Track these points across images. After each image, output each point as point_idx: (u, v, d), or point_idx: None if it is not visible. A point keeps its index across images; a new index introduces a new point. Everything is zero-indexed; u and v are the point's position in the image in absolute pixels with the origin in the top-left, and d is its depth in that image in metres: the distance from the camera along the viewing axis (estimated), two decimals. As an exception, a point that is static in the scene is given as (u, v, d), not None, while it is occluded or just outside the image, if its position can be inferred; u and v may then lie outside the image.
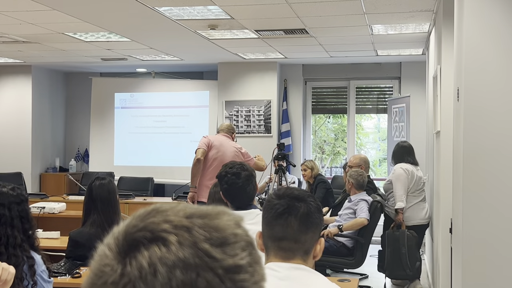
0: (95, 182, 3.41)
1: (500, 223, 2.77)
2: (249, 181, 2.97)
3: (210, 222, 0.61)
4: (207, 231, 0.60)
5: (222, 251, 0.59)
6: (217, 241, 0.60)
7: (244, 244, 0.61)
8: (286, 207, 1.66)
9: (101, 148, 9.50)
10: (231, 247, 0.60)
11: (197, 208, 0.65)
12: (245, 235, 0.63)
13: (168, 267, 0.56)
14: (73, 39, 6.80)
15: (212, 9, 5.22)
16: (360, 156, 6.40)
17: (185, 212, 0.63)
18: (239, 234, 0.62)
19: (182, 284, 0.55)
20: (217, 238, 0.60)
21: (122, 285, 0.55)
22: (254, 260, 0.62)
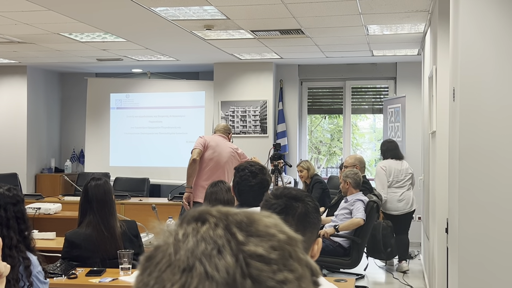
0: (90, 183, 3.40)
1: (496, 222, 2.77)
2: (262, 186, 2.96)
3: (250, 216, 0.67)
4: (243, 221, 0.66)
5: (248, 238, 0.64)
6: (248, 230, 0.65)
7: (277, 245, 0.65)
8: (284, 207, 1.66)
9: (96, 149, 9.48)
10: (259, 239, 0.64)
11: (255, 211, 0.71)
12: (285, 242, 0.66)
13: (197, 239, 0.63)
14: (69, 39, 6.78)
15: (208, 9, 5.22)
16: (355, 156, 6.45)
17: (243, 213, 0.69)
18: (276, 236, 0.66)
19: (202, 255, 0.61)
20: (249, 229, 0.65)
21: (162, 250, 0.63)
22: (284, 263, 0.64)
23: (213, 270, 0.60)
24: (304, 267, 0.66)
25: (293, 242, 0.67)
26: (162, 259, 0.63)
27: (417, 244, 7.96)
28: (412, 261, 7.34)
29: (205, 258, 0.61)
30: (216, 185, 3.62)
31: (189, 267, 0.61)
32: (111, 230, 3.34)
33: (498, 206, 2.77)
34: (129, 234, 3.45)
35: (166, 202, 6.99)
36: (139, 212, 6.75)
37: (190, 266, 0.61)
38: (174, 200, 6.92)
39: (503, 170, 2.77)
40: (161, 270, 0.62)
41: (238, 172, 3.00)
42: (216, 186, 3.60)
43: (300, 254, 0.67)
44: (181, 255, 0.62)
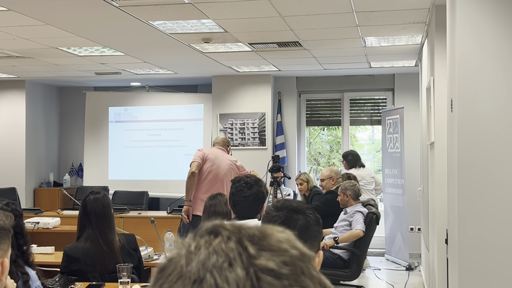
0: (89, 197, 3.39)
1: (496, 233, 2.77)
2: (257, 197, 2.94)
3: (263, 230, 0.67)
4: (255, 235, 0.66)
5: (260, 252, 0.64)
6: (260, 244, 0.65)
7: (289, 260, 0.64)
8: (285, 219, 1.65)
9: (95, 163, 9.47)
10: (271, 254, 0.64)
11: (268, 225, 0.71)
12: (298, 258, 0.66)
13: (209, 252, 0.63)
14: (67, 53, 6.80)
15: (205, 22, 5.24)
16: (331, 168, 6.50)
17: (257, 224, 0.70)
18: (289, 251, 0.66)
19: (213, 267, 0.62)
20: (262, 243, 0.65)
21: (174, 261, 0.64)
22: (296, 279, 0.63)
23: (223, 283, 0.60)
24: (316, 284, 0.66)
25: (306, 259, 0.67)
26: (173, 271, 0.63)
27: (417, 256, 7.94)
28: (412, 273, 7.31)
29: (216, 270, 0.62)
30: (215, 198, 3.61)
31: (200, 279, 0.61)
32: (110, 244, 3.32)
33: (497, 217, 2.77)
34: (128, 248, 3.43)
35: (165, 215, 6.98)
36: (138, 226, 6.72)
37: (201, 278, 0.61)
38: (173, 213, 6.90)
39: (502, 180, 2.77)
40: (172, 281, 0.63)
41: (234, 184, 3.00)
42: (215, 199, 3.60)
43: (312, 271, 0.66)
44: (193, 266, 0.62)
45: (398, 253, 7.93)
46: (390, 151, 8.25)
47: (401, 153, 7.84)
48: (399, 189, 7.93)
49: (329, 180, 6.26)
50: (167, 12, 4.83)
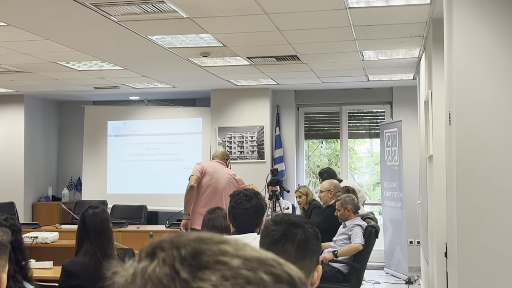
0: (88, 211, 3.39)
1: (496, 247, 2.76)
2: (257, 209, 2.95)
3: (197, 247, 0.63)
4: (187, 257, 0.62)
5: (194, 274, 0.60)
6: (194, 265, 0.61)
7: (229, 273, 0.60)
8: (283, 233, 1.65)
9: (94, 177, 9.46)
10: (208, 272, 0.60)
11: (211, 234, 0.67)
12: (240, 267, 0.61)
13: (145, 280, 0.61)
14: (66, 68, 6.82)
15: (204, 37, 5.27)
16: (331, 181, 6.45)
17: (198, 236, 0.66)
18: (228, 264, 0.61)
19: None
20: (196, 263, 0.61)
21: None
22: None
23: None
24: (249, 280, 0.61)
25: (253, 264, 0.62)
26: None
27: (416, 269, 7.91)
28: (412, 286, 7.29)
29: None
30: (213, 212, 3.61)
31: None
32: (109, 259, 3.31)
33: (497, 231, 2.76)
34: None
35: (164, 229, 6.95)
36: (136, 240, 6.71)
37: None
38: (171, 227, 6.89)
39: (501, 193, 2.77)
40: None
41: (233, 197, 3.01)
42: (213, 213, 3.59)
43: (262, 275, 0.62)
44: None
45: (398, 266, 7.90)
46: (388, 164, 8.25)
47: (400, 166, 7.84)
48: (398, 202, 7.93)
49: (327, 193, 6.24)
50: (166, 26, 4.85)
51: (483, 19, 2.85)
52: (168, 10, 4.32)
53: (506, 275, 2.74)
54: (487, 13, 2.84)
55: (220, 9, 4.32)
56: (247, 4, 4.19)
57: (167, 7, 4.22)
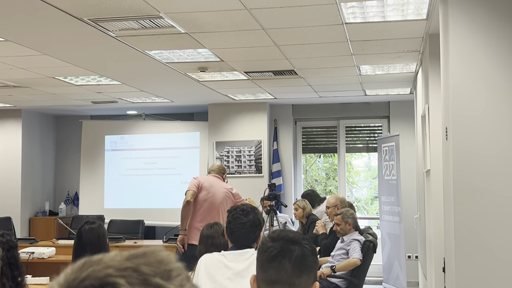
0: (84, 226, 3.37)
1: (493, 261, 2.76)
2: (254, 224, 2.94)
3: (152, 259, 0.63)
4: (154, 266, 0.62)
5: (173, 283, 0.61)
6: (165, 274, 0.62)
7: (186, 275, 0.65)
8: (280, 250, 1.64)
9: (91, 191, 9.44)
10: (179, 279, 0.63)
11: (131, 251, 0.67)
12: (183, 268, 0.67)
13: None
14: (64, 83, 6.83)
15: (202, 52, 5.29)
16: (336, 196, 6.42)
17: (122, 255, 0.64)
18: (180, 267, 0.66)
19: None
20: (165, 271, 0.62)
21: None
22: None
23: None
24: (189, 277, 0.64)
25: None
26: None
27: (414, 284, 7.88)
28: (411, 301, 7.25)
29: None
30: (211, 228, 3.59)
31: None
32: (105, 275, 3.29)
33: (494, 245, 2.76)
34: (123, 278, 3.40)
35: (161, 245, 6.93)
36: (134, 255, 6.67)
37: None
38: (169, 242, 6.86)
39: (498, 208, 2.77)
40: None
41: (231, 212, 3.01)
42: (212, 229, 3.57)
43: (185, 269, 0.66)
44: None
45: (396, 281, 7.87)
46: (386, 178, 8.25)
47: (398, 181, 7.84)
48: (396, 217, 7.91)
49: (334, 208, 6.21)
50: (163, 42, 4.87)
51: (479, 35, 2.87)
52: (165, 26, 4.34)
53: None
54: (483, 29, 2.86)
55: (218, 25, 4.34)
56: (245, 20, 4.22)
57: (165, 22, 4.24)
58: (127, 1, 3.73)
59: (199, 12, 4.00)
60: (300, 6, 3.90)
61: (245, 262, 2.81)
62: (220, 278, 2.78)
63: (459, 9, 2.91)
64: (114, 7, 3.86)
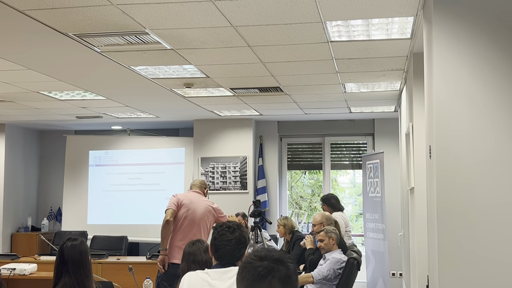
0: (66, 243, 3.33)
1: (476, 279, 2.76)
2: (240, 242, 2.91)
3: None
4: None
5: None
6: None
7: None
8: (270, 269, 1.64)
9: (74, 207, 9.35)
10: None
11: None
12: None
13: None
14: (48, 97, 6.79)
15: (187, 68, 5.29)
16: (322, 213, 6.39)
17: None
18: None
19: None
20: None
21: None
22: None
23: None
24: None
25: None
26: None
27: (399, 301, 7.88)
28: (395, 319, 7.24)
29: None
30: (194, 245, 3.55)
31: None
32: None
33: (478, 263, 2.77)
34: (105, 296, 3.36)
35: (144, 261, 6.86)
36: (116, 272, 6.61)
37: None
38: (152, 259, 6.79)
39: (481, 226, 2.78)
40: None
41: (216, 229, 2.98)
42: (194, 246, 3.54)
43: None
44: None
45: (380, 298, 7.86)
46: (371, 196, 8.27)
47: (382, 198, 7.86)
48: (380, 234, 7.92)
49: (319, 226, 6.20)
50: (149, 58, 4.87)
51: (462, 55, 2.90)
52: (151, 42, 4.34)
53: (488, 309, 2.74)
54: (466, 48, 2.89)
55: (204, 41, 4.35)
56: (230, 37, 4.23)
57: (151, 38, 4.24)
58: (112, 17, 3.73)
59: (185, 28, 4.01)
60: (286, 24, 3.93)
61: (229, 281, 2.78)
62: None
63: (443, 28, 2.94)
64: (100, 22, 3.85)
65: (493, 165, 2.80)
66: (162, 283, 5.30)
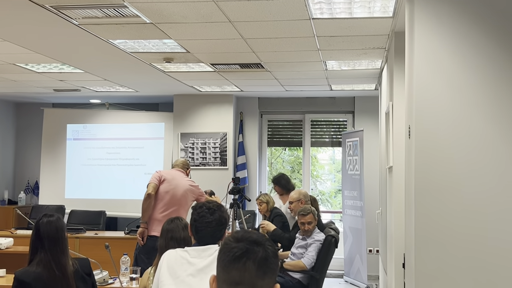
0: (42, 219, 3.29)
1: (452, 258, 2.80)
2: (220, 223, 2.91)
3: None
4: None
5: None
6: None
7: None
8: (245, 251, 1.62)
9: (51, 181, 9.26)
10: None
11: None
12: None
13: None
14: (25, 70, 6.67)
15: (167, 42, 5.21)
16: (299, 190, 6.43)
17: None
18: None
19: None
20: None
21: None
22: None
23: None
24: None
25: None
26: None
27: (375, 277, 7.99)
28: (371, 295, 7.35)
29: None
30: (172, 222, 3.54)
31: None
32: (63, 269, 3.22)
33: (453, 242, 2.80)
34: (81, 272, 3.34)
35: (123, 236, 6.85)
36: (94, 247, 6.59)
37: None
38: (131, 234, 6.79)
39: (458, 206, 2.80)
40: None
41: (196, 210, 2.96)
42: (173, 223, 3.53)
43: None
44: None
45: (357, 275, 7.96)
46: (350, 173, 8.31)
47: (361, 175, 7.91)
48: (358, 211, 7.99)
49: (297, 203, 6.22)
50: (128, 31, 4.78)
51: (444, 34, 2.89)
52: (130, 15, 4.26)
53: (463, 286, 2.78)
54: (448, 28, 2.88)
55: (184, 16, 4.28)
56: (211, 12, 4.17)
57: (130, 11, 4.16)
58: (90, -12, 3.64)
59: (164, 2, 3.94)
60: (268, 0, 3.88)
61: (208, 259, 2.78)
62: (182, 274, 2.74)
63: (425, 7, 2.92)
64: (77, -6, 3.76)
65: (472, 146, 2.81)
66: (140, 256, 5.36)
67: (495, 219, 2.77)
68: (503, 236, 2.76)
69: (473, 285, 2.76)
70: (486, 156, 2.80)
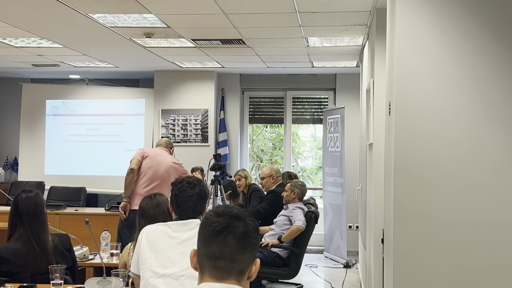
0: (21, 195, 3.27)
1: (430, 234, 2.83)
2: (201, 197, 2.93)
3: None
4: None
5: None
6: None
7: None
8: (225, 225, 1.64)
9: (31, 156, 9.18)
10: None
11: None
12: None
13: None
14: (2, 44, 6.55)
15: (147, 17, 5.15)
16: (271, 166, 6.52)
17: None
18: None
19: None
20: None
21: None
22: None
23: None
24: None
25: None
26: None
27: (354, 253, 8.09)
28: (350, 270, 7.45)
29: None
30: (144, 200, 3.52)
31: None
32: (42, 245, 3.21)
33: (432, 218, 2.83)
34: (61, 248, 3.33)
35: (103, 213, 6.83)
36: (74, 223, 6.57)
37: None
38: (111, 210, 6.77)
39: (437, 183, 2.83)
40: None
41: (176, 185, 2.97)
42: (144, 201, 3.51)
43: None
44: None
45: (337, 250, 8.05)
46: (330, 150, 8.35)
47: (341, 152, 7.95)
48: (339, 188, 8.05)
49: (269, 179, 6.27)
50: (107, 5, 4.71)
51: (425, 11, 2.89)
52: (110, -12, 4.19)
53: (440, 264, 2.82)
54: (429, 5, 2.88)
55: (164, -10, 4.22)
56: (192, -14, 4.12)
57: (109, -15, 4.09)
58: (68, -39, 3.57)
59: (145, -24, 3.88)
60: (249, -25, 3.84)
61: (189, 232, 2.80)
62: (163, 248, 2.75)
63: (406, -16, 2.91)
64: (55, -34, 3.68)
65: (452, 124, 2.83)
66: (122, 230, 5.54)
67: (473, 195, 2.81)
68: (481, 211, 2.80)
69: (450, 260, 2.81)
70: (466, 132, 2.82)
